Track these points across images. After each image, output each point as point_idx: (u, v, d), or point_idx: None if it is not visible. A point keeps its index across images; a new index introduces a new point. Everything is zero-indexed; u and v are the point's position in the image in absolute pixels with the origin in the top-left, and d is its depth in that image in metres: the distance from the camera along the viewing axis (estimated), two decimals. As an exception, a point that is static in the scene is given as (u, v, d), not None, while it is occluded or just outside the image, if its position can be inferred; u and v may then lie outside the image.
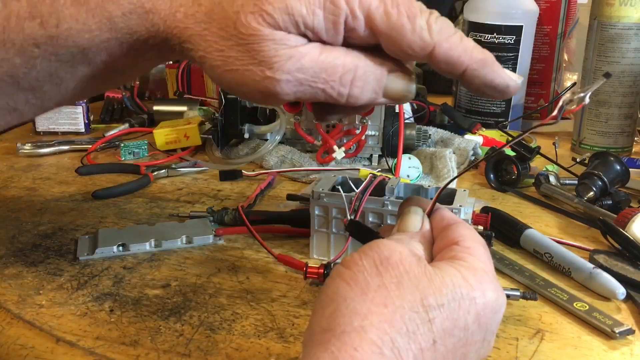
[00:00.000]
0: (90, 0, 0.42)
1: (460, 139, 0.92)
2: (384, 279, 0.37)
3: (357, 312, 0.36)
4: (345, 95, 0.42)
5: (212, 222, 0.69)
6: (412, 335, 0.36)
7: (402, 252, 0.39)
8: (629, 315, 0.55)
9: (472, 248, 0.41)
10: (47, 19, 0.42)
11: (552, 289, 0.57)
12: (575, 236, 0.69)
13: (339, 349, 0.34)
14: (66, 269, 0.60)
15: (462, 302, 0.37)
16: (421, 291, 0.37)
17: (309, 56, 0.40)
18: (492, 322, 0.39)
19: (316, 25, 0.40)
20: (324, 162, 0.84)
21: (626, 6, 0.88)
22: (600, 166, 0.77)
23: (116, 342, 0.49)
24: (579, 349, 0.50)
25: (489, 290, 0.39)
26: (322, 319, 0.37)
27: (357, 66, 0.41)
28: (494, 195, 0.80)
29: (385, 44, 0.41)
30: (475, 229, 0.57)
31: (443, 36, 0.40)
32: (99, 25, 0.42)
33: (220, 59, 0.41)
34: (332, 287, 0.38)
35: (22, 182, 0.82)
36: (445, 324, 0.37)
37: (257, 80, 0.41)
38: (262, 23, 0.39)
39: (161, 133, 0.92)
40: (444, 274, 0.38)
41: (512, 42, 0.98)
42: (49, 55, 0.43)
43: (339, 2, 0.40)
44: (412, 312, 0.36)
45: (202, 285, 0.57)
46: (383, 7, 0.40)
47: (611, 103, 0.93)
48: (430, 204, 0.45)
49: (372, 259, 0.38)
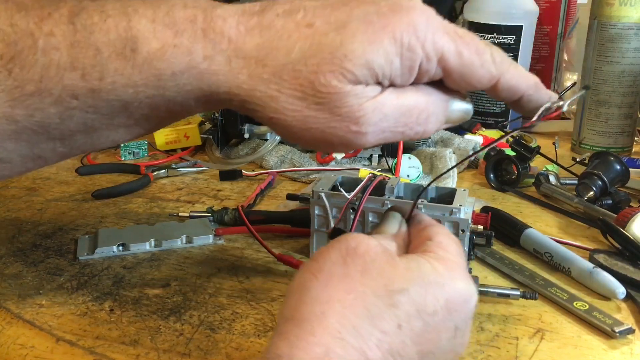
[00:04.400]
0: (137, 56, 0.39)
1: (460, 138, 0.92)
2: (349, 268, 0.38)
3: (319, 300, 0.36)
4: (422, 132, 0.42)
5: (212, 222, 0.69)
6: (375, 320, 0.36)
7: (370, 244, 0.39)
8: (629, 314, 0.55)
9: (444, 243, 0.41)
10: (89, 71, 0.39)
11: (552, 288, 0.57)
12: (575, 236, 0.69)
13: (297, 335, 0.35)
14: (66, 269, 0.60)
15: (429, 288, 0.38)
16: (385, 277, 0.37)
17: (389, 104, 0.40)
18: (463, 310, 0.39)
19: (394, 73, 0.40)
20: (324, 162, 0.84)
21: (626, 6, 0.88)
22: (600, 166, 0.77)
23: (116, 341, 0.49)
24: (579, 349, 0.50)
25: (459, 279, 0.39)
26: (287, 309, 0.37)
27: (429, 102, 0.42)
28: (494, 195, 0.80)
29: (455, 80, 0.42)
30: (475, 228, 0.58)
31: (505, 67, 0.42)
32: (145, 81, 0.39)
33: (297, 119, 0.40)
34: (298, 279, 0.38)
35: (22, 182, 0.82)
36: (410, 308, 0.37)
37: (341, 136, 0.40)
38: (343, 80, 0.39)
39: (161, 133, 0.92)
40: (410, 262, 0.39)
41: (512, 42, 0.98)
42: (87, 107, 0.40)
43: (415, 48, 0.39)
44: (374, 297, 0.36)
45: (202, 285, 0.57)
46: (454, 47, 0.40)
47: (611, 103, 0.93)
48: (410, 208, 0.46)
49: (339, 250, 0.39)
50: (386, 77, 0.40)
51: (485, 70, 0.41)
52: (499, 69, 0.42)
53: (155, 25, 0.39)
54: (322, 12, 0.40)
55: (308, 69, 0.39)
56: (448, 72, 0.41)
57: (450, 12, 1.45)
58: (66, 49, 0.38)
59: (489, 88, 0.43)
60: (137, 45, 0.39)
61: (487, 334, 0.51)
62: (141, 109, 0.41)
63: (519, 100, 0.44)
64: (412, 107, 0.41)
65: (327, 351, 0.34)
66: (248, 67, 0.39)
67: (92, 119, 0.41)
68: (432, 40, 0.39)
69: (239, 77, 0.39)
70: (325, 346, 0.34)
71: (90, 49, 0.38)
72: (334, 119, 0.40)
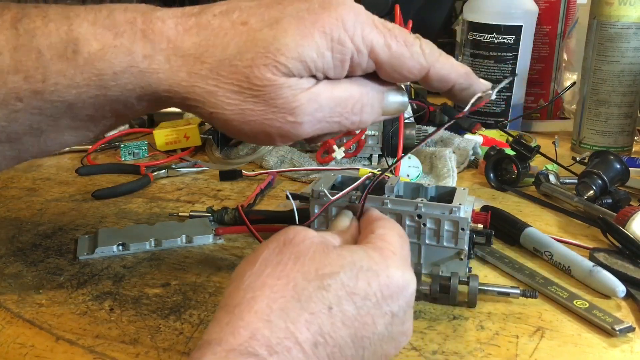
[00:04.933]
0: (78, 57, 0.40)
1: (460, 138, 0.92)
2: (282, 256, 0.39)
3: (252, 286, 0.37)
4: (357, 122, 0.45)
5: (212, 222, 0.69)
6: (305, 303, 0.37)
7: (307, 235, 0.41)
8: (629, 312, 0.55)
9: (385, 235, 0.43)
10: (32, 73, 0.40)
11: (552, 287, 0.57)
12: (575, 235, 0.69)
13: (227, 321, 0.36)
14: (66, 269, 0.60)
15: (360, 273, 0.39)
16: (317, 263, 0.39)
17: (323, 94, 0.42)
18: (398, 297, 0.40)
19: (326, 65, 0.42)
20: (323, 162, 0.84)
21: (625, 5, 0.88)
22: (600, 165, 0.77)
23: (116, 340, 0.49)
24: (579, 347, 0.50)
25: (394, 267, 0.40)
26: (223, 298, 0.38)
27: (363, 93, 0.44)
28: (494, 195, 0.80)
29: (387, 71, 0.44)
30: (475, 227, 0.58)
31: (434, 58, 0.44)
32: (87, 82, 0.41)
33: (236, 113, 0.42)
34: (237, 269, 0.40)
35: (22, 183, 0.82)
36: (341, 292, 0.38)
37: (278, 127, 0.42)
38: (277, 73, 0.41)
39: (161, 133, 0.92)
40: (343, 250, 0.40)
41: (511, 42, 0.98)
42: (32, 109, 0.41)
43: (345, 42, 0.42)
44: (305, 281, 0.38)
45: (202, 284, 0.57)
46: (383, 40, 0.43)
47: (611, 102, 0.93)
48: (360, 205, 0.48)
49: (277, 241, 0.40)
50: (319, 70, 0.42)
51: (415, 61, 0.43)
52: (429, 60, 0.44)
53: (95, 27, 0.40)
54: (257, 11, 0.42)
55: (243, 64, 0.40)
56: (379, 64, 0.43)
57: (450, 12, 1.45)
58: (9, 52, 0.40)
59: (420, 78, 0.45)
60: (78, 46, 0.40)
61: (487, 333, 0.51)
62: (85, 109, 0.42)
63: (451, 89, 0.46)
64: (347, 97, 0.43)
65: (253, 333, 0.35)
66: (187, 64, 0.41)
67: (38, 121, 0.42)
68: (361, 34, 0.42)
69: (178, 75, 0.41)
70: (252, 329, 0.35)
71: (33, 51, 0.40)
72: (271, 110, 0.41)
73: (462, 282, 0.54)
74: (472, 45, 1.00)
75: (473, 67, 0.99)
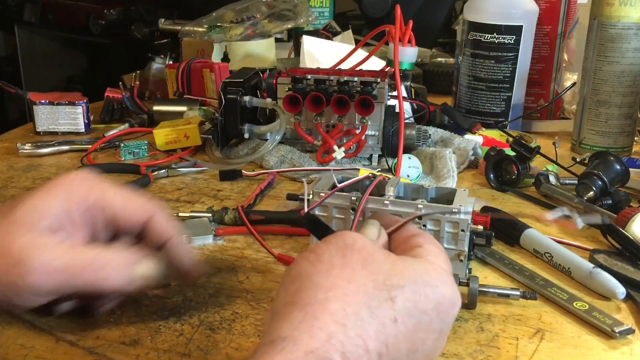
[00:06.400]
0: None
1: (460, 138, 0.92)
2: (348, 259, 0.39)
3: (321, 286, 0.37)
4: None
5: (212, 222, 0.69)
6: (375, 311, 0.37)
7: (365, 241, 0.41)
8: (629, 314, 0.55)
9: (434, 251, 0.43)
10: None
11: (552, 288, 0.57)
12: (575, 236, 0.69)
13: (300, 319, 0.35)
14: (66, 269, 0.60)
15: (422, 289, 0.39)
16: (384, 273, 0.39)
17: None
18: (449, 314, 0.41)
19: None
20: (324, 162, 0.84)
21: (626, 6, 0.88)
22: (600, 166, 0.77)
23: (116, 341, 0.49)
24: (579, 349, 0.50)
25: (448, 284, 0.41)
26: (287, 295, 0.38)
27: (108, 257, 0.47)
28: (494, 195, 0.80)
29: None
30: (475, 228, 0.58)
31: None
32: None
33: None
34: (297, 268, 0.39)
35: (22, 182, 0.82)
36: (406, 304, 0.38)
37: None
38: None
39: (161, 133, 0.92)
40: (405, 262, 0.41)
41: (512, 42, 0.98)
42: None
43: None
44: (375, 289, 0.38)
45: (202, 285, 0.57)
46: None
47: (611, 103, 0.93)
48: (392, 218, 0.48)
49: (336, 244, 0.40)
50: None
51: None
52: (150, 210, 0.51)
53: None
54: None
55: None
56: None
57: (450, 12, 1.45)
58: None
59: None
60: None
61: (487, 334, 0.51)
62: None
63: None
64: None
65: (330, 336, 0.35)
66: None
67: None
68: None
69: None
70: (329, 331, 0.35)
71: None
72: None
73: (462, 284, 0.54)
74: (472, 45, 1.00)
75: (473, 67, 0.99)
